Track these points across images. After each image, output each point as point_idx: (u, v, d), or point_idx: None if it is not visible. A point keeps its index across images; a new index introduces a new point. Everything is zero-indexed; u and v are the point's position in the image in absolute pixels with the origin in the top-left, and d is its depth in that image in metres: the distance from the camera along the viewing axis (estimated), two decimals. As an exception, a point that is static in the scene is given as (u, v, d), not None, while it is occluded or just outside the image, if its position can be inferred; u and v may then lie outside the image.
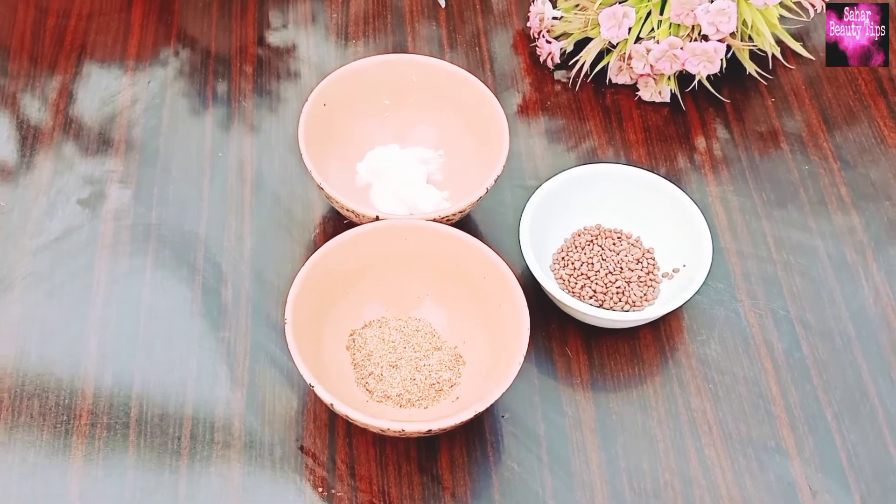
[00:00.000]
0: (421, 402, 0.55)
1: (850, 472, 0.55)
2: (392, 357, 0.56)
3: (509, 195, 0.66)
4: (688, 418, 0.57)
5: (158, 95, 0.70)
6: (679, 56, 0.66)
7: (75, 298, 0.60)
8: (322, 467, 0.54)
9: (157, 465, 0.54)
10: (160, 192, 0.65)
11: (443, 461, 0.55)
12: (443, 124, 0.65)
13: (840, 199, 0.67)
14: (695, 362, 0.59)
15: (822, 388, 0.58)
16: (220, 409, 0.56)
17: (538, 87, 0.72)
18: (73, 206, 0.64)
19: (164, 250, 0.62)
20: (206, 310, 0.60)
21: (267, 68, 0.72)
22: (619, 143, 0.69)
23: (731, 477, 0.55)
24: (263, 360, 0.58)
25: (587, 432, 0.56)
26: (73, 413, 0.55)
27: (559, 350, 0.59)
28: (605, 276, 0.61)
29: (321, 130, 0.62)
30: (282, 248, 0.63)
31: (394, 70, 0.64)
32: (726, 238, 0.65)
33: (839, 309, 0.61)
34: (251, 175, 0.66)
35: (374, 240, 0.57)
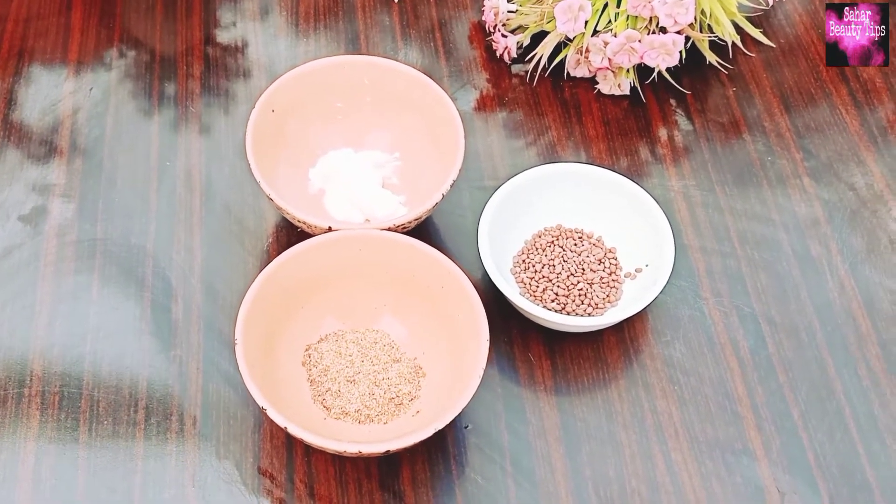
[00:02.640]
0: (380, 418, 0.54)
1: (818, 472, 0.54)
2: (349, 371, 0.54)
3: (467, 197, 0.64)
4: (654, 422, 0.56)
5: (102, 102, 0.67)
6: (637, 49, 0.65)
7: (17, 321, 0.57)
8: (280, 488, 0.53)
9: (109, 486, 0.52)
10: (105, 204, 0.62)
11: (405, 477, 0.53)
12: (397, 127, 0.63)
13: (803, 189, 0.66)
14: (660, 364, 0.58)
15: (788, 386, 0.57)
16: (172, 431, 0.54)
17: (495, 82, 0.71)
18: (13, 223, 0.61)
19: (111, 266, 0.60)
20: (155, 327, 0.58)
21: (215, 69, 0.70)
22: (579, 138, 0.68)
23: (699, 481, 0.54)
24: (217, 379, 0.56)
25: (552, 440, 0.55)
26: (17, 443, 0.53)
27: (521, 356, 0.58)
28: (566, 279, 0.59)
29: (270, 137, 0.60)
30: (234, 259, 0.61)
31: (344, 72, 0.62)
32: (689, 234, 0.63)
33: (804, 304, 0.60)
34: (200, 183, 0.64)
35: (328, 251, 0.55)
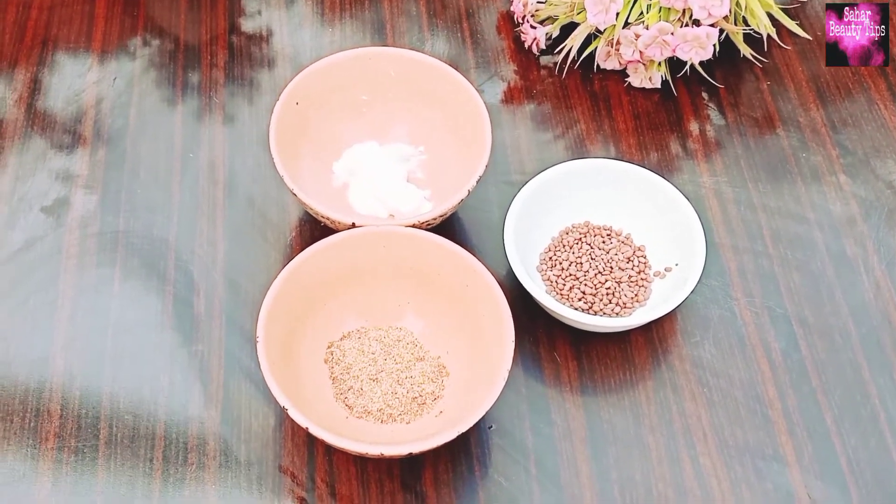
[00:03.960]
0: (403, 417, 0.53)
1: (851, 479, 0.53)
2: (372, 370, 0.54)
3: (494, 192, 0.63)
4: (682, 425, 0.55)
5: (125, 93, 0.67)
6: (669, 42, 0.63)
7: (40, 314, 0.57)
8: (301, 487, 0.52)
9: (129, 488, 0.52)
10: (128, 196, 0.62)
11: (427, 478, 0.53)
12: (423, 120, 0.62)
13: (839, 187, 0.64)
14: (688, 365, 0.57)
15: (821, 391, 0.56)
16: (193, 428, 0.54)
17: (523, 74, 0.69)
18: (35, 214, 0.61)
19: (133, 259, 0.59)
20: (177, 322, 0.57)
21: (239, 59, 0.69)
22: (608, 132, 0.66)
23: (728, 487, 0.53)
24: (238, 375, 0.55)
25: (577, 442, 0.54)
26: (39, 436, 0.53)
27: (547, 356, 0.57)
28: (594, 277, 0.58)
29: (294, 130, 0.59)
30: (256, 253, 0.60)
31: (370, 64, 0.61)
32: (720, 232, 0.62)
33: (839, 305, 0.59)
34: (223, 176, 0.63)
35: (351, 248, 0.54)
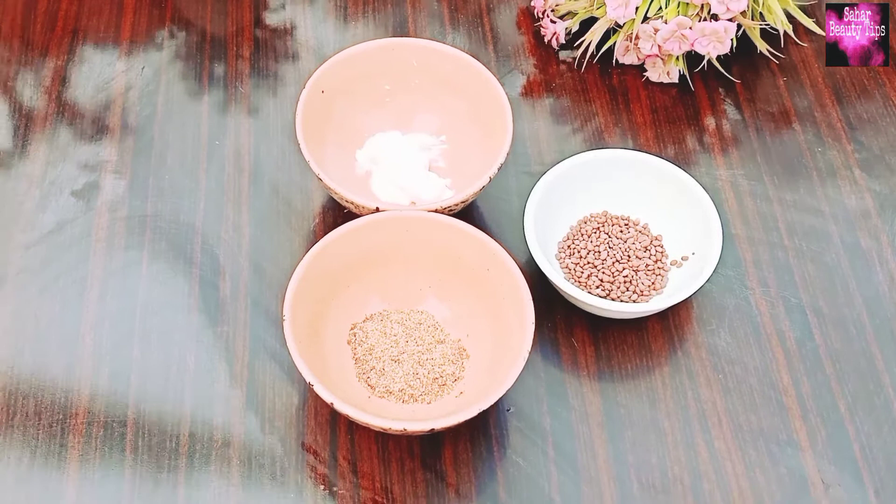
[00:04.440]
0: (424, 398, 0.54)
1: (864, 465, 0.54)
2: (394, 351, 0.55)
3: (514, 181, 0.64)
4: (697, 410, 0.56)
5: (153, 81, 0.68)
6: (688, 36, 0.64)
7: (70, 294, 0.58)
8: (324, 464, 0.53)
9: (156, 464, 0.53)
10: (156, 182, 0.63)
11: (447, 457, 0.54)
12: (445, 110, 0.63)
13: (854, 181, 0.65)
14: (704, 353, 0.58)
15: (835, 378, 0.57)
16: (219, 407, 0.55)
17: (542, 68, 0.71)
18: (66, 198, 0.62)
19: (161, 242, 0.61)
20: (203, 304, 0.58)
21: (264, 51, 0.70)
22: (626, 125, 0.68)
23: (742, 470, 0.54)
24: (263, 355, 0.57)
25: (594, 426, 0.55)
26: (69, 412, 0.54)
27: (565, 341, 0.58)
28: (612, 265, 0.59)
29: (319, 118, 0.60)
30: (281, 238, 0.61)
31: (393, 54, 0.62)
32: (737, 224, 0.63)
33: (853, 296, 0.60)
34: (249, 164, 0.65)
35: (375, 232, 0.55)
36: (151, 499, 0.52)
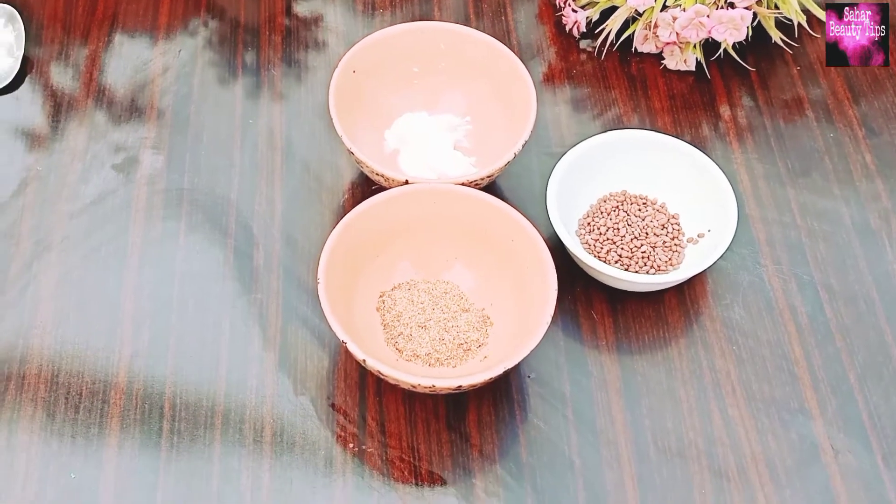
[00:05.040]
0: (449, 362, 0.56)
1: (872, 432, 0.56)
2: (421, 318, 0.57)
3: (536, 162, 0.66)
4: (712, 379, 0.58)
5: (189, 64, 0.71)
6: (705, 24, 0.67)
7: (111, 261, 0.61)
8: (353, 424, 0.56)
9: (193, 422, 0.55)
10: (192, 158, 0.66)
11: (471, 419, 0.56)
12: (470, 91, 0.66)
13: (865, 165, 0.67)
14: (719, 325, 0.60)
15: (845, 351, 0.59)
16: (253, 368, 0.57)
17: (563, 56, 0.73)
18: (107, 171, 0.65)
19: (197, 214, 0.63)
20: (238, 272, 0.61)
21: (295, 38, 0.73)
22: (644, 111, 0.70)
23: (755, 436, 0.56)
24: (295, 321, 0.59)
25: (612, 392, 0.57)
26: (110, 373, 0.57)
27: (585, 313, 0.60)
28: (630, 242, 0.61)
29: (350, 97, 0.63)
30: (311, 212, 0.64)
31: (422, 37, 0.65)
32: (751, 205, 0.65)
33: (863, 274, 0.62)
34: (281, 142, 0.67)
35: (404, 203, 0.58)
36: (188, 455, 0.54)
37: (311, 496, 0.53)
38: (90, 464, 0.54)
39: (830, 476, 0.54)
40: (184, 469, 0.54)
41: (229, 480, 0.53)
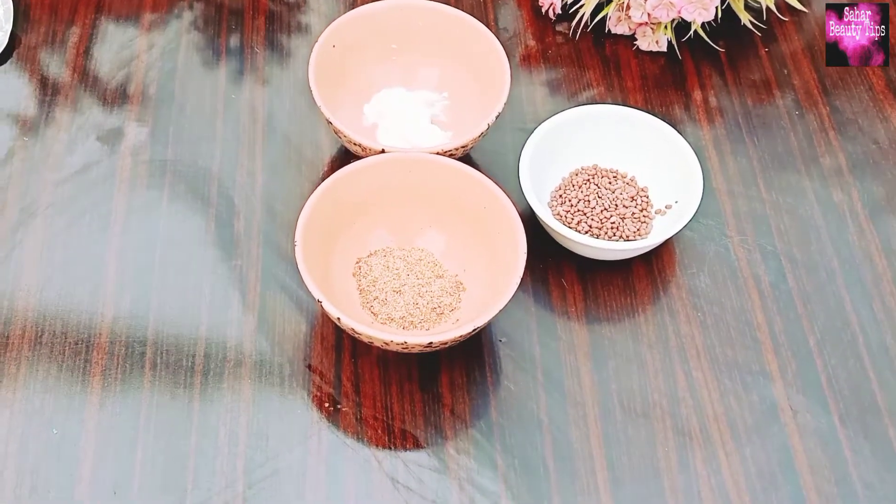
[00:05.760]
0: (423, 325, 0.58)
1: (830, 394, 0.58)
2: (396, 283, 0.59)
3: (510, 137, 0.68)
4: (677, 344, 0.60)
5: (174, 41, 0.73)
6: (675, 4, 0.69)
7: (94, 228, 0.63)
8: (329, 384, 0.57)
9: (173, 381, 0.57)
10: (175, 130, 0.68)
11: (443, 381, 0.58)
12: (447, 68, 0.68)
13: (828, 142, 0.69)
14: (685, 293, 0.62)
15: (805, 317, 0.61)
16: (232, 331, 0.59)
17: (539, 38, 0.75)
18: (92, 142, 0.67)
19: (180, 185, 0.65)
20: (219, 239, 0.63)
21: (278, 19, 0.75)
22: (618, 91, 0.72)
23: (717, 397, 0.58)
24: (274, 287, 0.61)
25: (580, 356, 0.59)
26: (93, 332, 0.58)
27: (556, 282, 0.62)
28: (600, 213, 0.63)
29: (330, 72, 0.65)
30: (291, 184, 0.66)
31: (401, 15, 0.67)
32: (718, 179, 0.67)
33: (825, 245, 0.64)
34: (263, 116, 0.69)
35: (380, 172, 0.59)
36: (168, 411, 0.56)
37: (288, 453, 0.55)
38: (72, 419, 0.55)
39: (789, 435, 0.56)
40: (163, 424, 0.55)
41: (207, 436, 0.55)
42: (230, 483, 0.54)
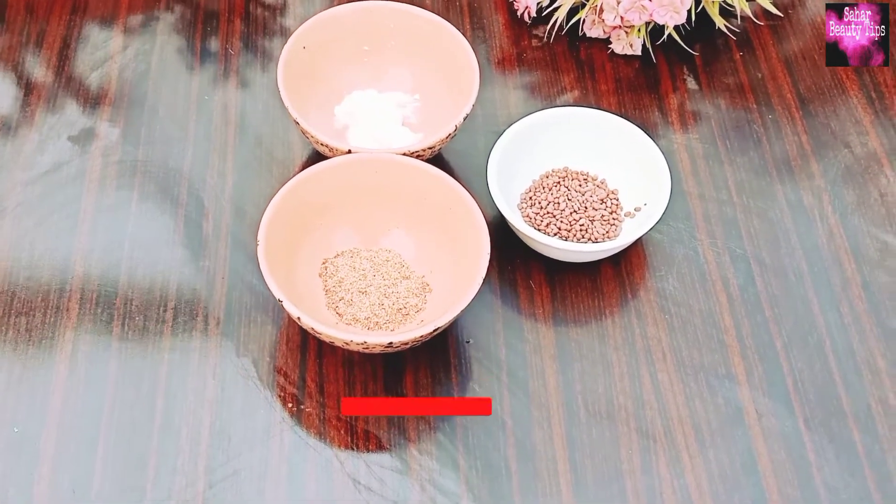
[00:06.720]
0: (388, 325, 0.58)
1: (795, 397, 0.58)
2: (362, 284, 0.59)
3: (482, 139, 0.68)
4: (643, 346, 0.59)
5: (150, 42, 0.73)
6: (647, 7, 0.69)
7: (63, 227, 0.63)
8: (292, 385, 0.57)
9: (137, 380, 0.57)
10: (147, 131, 0.68)
11: (408, 382, 0.58)
12: (419, 70, 0.68)
13: (801, 146, 0.69)
14: (653, 296, 0.62)
15: (773, 320, 0.61)
16: (197, 332, 0.59)
17: (515, 41, 0.75)
18: (63, 142, 0.67)
19: (150, 185, 0.65)
20: (187, 240, 0.63)
21: (254, 21, 0.75)
22: (592, 94, 0.72)
23: (682, 400, 0.57)
24: (241, 288, 0.61)
25: (546, 357, 0.59)
26: (58, 331, 0.58)
27: (524, 283, 0.62)
28: (569, 215, 0.63)
29: (301, 73, 0.65)
30: (262, 185, 0.66)
31: (372, 16, 0.67)
32: (689, 182, 0.67)
33: (794, 248, 0.64)
34: (235, 117, 0.69)
35: (346, 172, 0.59)
36: (130, 411, 0.56)
37: (249, 452, 0.55)
38: (33, 418, 0.55)
39: (753, 437, 0.56)
40: (125, 424, 0.55)
41: (169, 435, 0.55)
42: (191, 482, 0.53)
